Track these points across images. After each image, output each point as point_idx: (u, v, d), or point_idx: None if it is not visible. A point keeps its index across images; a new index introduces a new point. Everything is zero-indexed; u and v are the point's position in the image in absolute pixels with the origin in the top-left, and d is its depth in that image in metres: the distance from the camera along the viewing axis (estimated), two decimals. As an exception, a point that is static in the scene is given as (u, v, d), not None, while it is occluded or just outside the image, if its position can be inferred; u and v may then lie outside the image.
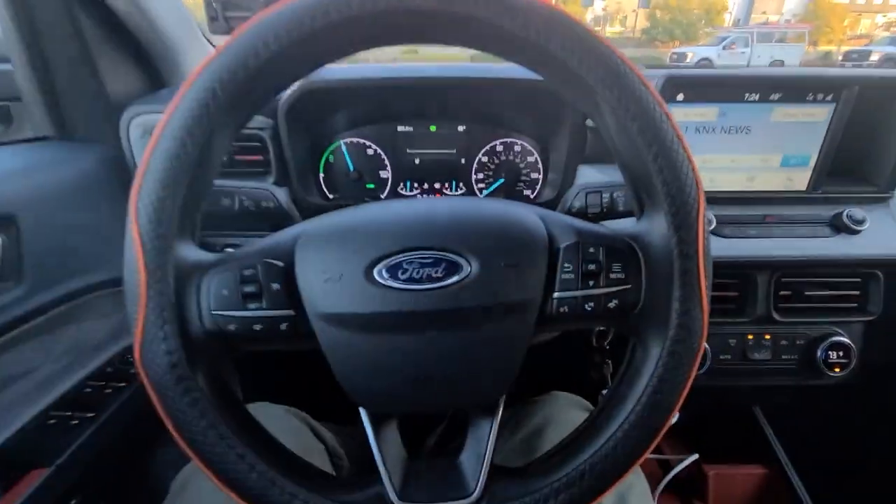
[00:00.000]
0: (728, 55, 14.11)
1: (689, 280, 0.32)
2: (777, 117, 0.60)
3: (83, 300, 0.58)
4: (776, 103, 0.59)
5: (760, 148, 0.62)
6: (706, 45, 15.13)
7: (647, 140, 0.31)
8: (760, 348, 0.64)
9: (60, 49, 0.60)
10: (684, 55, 14.28)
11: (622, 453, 0.34)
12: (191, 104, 0.31)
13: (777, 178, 0.63)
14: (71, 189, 0.58)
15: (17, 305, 0.49)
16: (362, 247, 0.34)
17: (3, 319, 0.48)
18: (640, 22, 28.01)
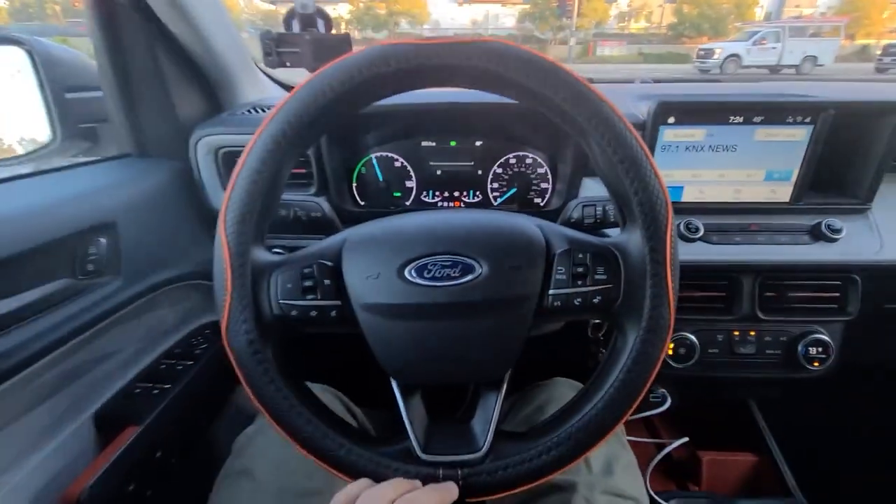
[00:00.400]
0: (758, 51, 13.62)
1: (659, 281, 0.40)
2: (760, 137, 0.67)
3: (159, 292, 0.70)
4: (759, 125, 0.66)
5: (745, 164, 0.69)
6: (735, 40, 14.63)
7: (625, 168, 0.38)
8: (746, 343, 0.71)
9: (143, 80, 0.71)
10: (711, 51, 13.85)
11: (601, 420, 0.42)
12: (267, 140, 0.40)
13: (761, 191, 0.70)
14: (151, 198, 0.69)
15: (116, 295, 0.60)
16: (395, 251, 0.43)
17: (107, 306, 0.59)
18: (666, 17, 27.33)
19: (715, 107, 0.66)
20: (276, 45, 0.70)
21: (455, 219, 0.46)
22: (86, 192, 0.60)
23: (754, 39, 13.68)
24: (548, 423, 0.46)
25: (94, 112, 0.77)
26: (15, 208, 0.52)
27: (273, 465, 0.54)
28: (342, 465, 0.42)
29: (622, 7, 31.82)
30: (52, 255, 0.54)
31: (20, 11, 28.56)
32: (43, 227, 0.52)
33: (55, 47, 0.72)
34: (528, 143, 0.82)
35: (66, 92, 0.73)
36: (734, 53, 13.52)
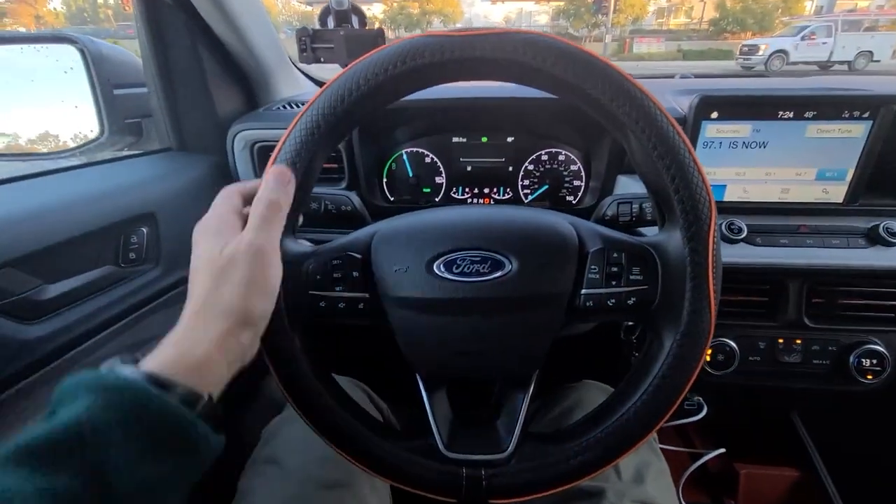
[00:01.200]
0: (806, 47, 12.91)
1: (700, 283, 0.38)
2: (812, 133, 0.63)
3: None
4: (810, 121, 0.62)
5: (795, 162, 0.65)
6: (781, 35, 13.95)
7: (666, 164, 0.37)
8: (791, 352, 0.67)
9: (184, 77, 0.74)
10: (756, 47, 13.23)
11: (633, 427, 0.41)
12: (301, 132, 0.41)
13: (812, 191, 0.66)
14: (189, 191, 0.71)
15: (156, 282, 0.63)
16: (425, 245, 0.43)
17: (146, 293, 0.62)
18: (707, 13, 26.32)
19: (763, 101, 0.62)
20: (311, 42, 0.71)
21: (486, 214, 0.46)
22: (128, 184, 0.63)
23: (803, 34, 13.00)
24: (577, 426, 0.45)
25: (139, 108, 0.80)
26: (63, 198, 0.55)
27: (299, 454, 0.55)
28: (364, 457, 0.42)
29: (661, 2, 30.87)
30: (97, 243, 0.56)
31: (76, 16, 30.32)
32: (89, 215, 0.54)
33: (105, 46, 0.75)
34: (560, 140, 0.80)
35: (115, 88, 0.76)
36: (781, 49, 12.89)
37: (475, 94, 0.74)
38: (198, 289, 0.35)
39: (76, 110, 0.74)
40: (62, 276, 0.52)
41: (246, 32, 0.74)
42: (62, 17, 31.00)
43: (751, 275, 0.65)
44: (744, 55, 13.26)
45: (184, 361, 0.31)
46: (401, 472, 0.42)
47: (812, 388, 0.70)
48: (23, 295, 0.47)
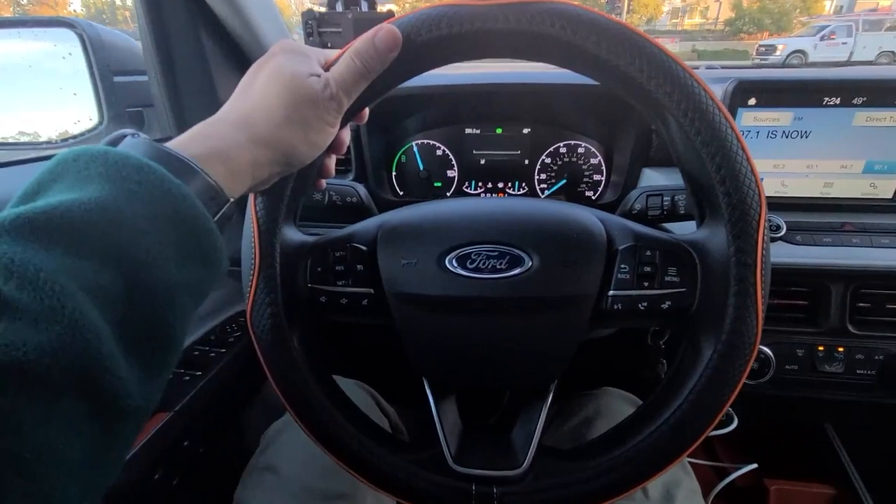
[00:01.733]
0: (826, 47, 12.66)
1: (745, 288, 0.33)
2: (860, 122, 0.57)
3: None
4: (859, 108, 0.57)
5: (840, 153, 0.59)
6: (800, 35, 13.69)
7: (710, 152, 0.33)
8: (832, 361, 0.62)
9: (186, 64, 0.71)
10: (773, 48, 13.00)
11: (666, 446, 0.36)
12: None
13: (859, 185, 0.60)
14: (189, 182, 0.68)
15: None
16: (437, 237, 0.39)
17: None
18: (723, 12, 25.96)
19: (807, 86, 0.57)
20: (317, 26, 0.67)
21: (504, 206, 0.42)
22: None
23: (822, 34, 12.74)
24: (600, 442, 0.41)
25: (141, 96, 0.77)
26: None
27: (299, 462, 0.52)
28: (364, 468, 0.39)
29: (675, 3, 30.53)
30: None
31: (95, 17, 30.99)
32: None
33: (106, 31, 0.73)
34: (580, 131, 0.76)
35: (115, 75, 0.73)
36: (799, 49, 12.65)
37: (489, 79, 0.70)
38: (255, 95, 0.31)
39: (75, 97, 0.71)
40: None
41: (251, 17, 0.71)
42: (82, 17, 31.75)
43: (789, 276, 0.60)
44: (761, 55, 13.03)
45: (211, 149, 0.28)
46: (404, 487, 0.39)
47: (852, 399, 0.64)
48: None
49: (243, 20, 0.71)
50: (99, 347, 0.20)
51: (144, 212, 0.23)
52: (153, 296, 0.23)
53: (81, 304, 0.20)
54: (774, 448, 0.85)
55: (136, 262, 0.23)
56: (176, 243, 0.25)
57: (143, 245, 0.23)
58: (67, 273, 0.20)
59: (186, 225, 0.25)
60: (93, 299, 0.21)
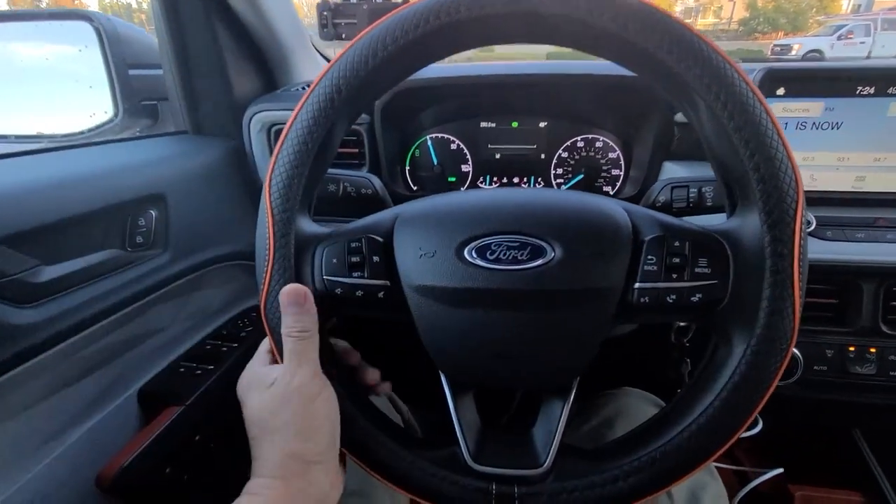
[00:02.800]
0: (843, 46, 12.41)
1: (782, 280, 0.32)
2: (895, 112, 0.55)
3: (207, 271, 0.68)
4: (895, 98, 0.54)
5: (873, 145, 0.57)
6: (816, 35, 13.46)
7: (743, 137, 0.31)
8: (863, 362, 0.59)
9: (201, 58, 0.71)
10: (789, 47, 12.78)
11: (694, 448, 0.35)
12: (319, 98, 0.36)
13: (893, 179, 0.58)
14: (202, 175, 0.68)
15: (163, 269, 0.59)
16: (455, 228, 0.37)
17: (153, 280, 0.58)
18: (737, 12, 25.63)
19: (839, 74, 0.55)
20: (332, 17, 0.66)
21: (525, 196, 0.40)
22: (137, 163, 0.59)
23: (839, 33, 12.49)
24: (624, 442, 0.39)
25: (156, 90, 0.77)
26: (65, 174, 0.51)
27: None
28: (380, 466, 0.38)
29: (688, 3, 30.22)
30: (102, 224, 0.53)
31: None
32: (93, 193, 0.51)
33: (122, 24, 0.73)
34: (598, 125, 0.74)
35: (131, 69, 0.73)
36: (815, 49, 12.42)
37: (505, 70, 0.68)
38: (257, 448, 0.36)
39: (90, 90, 0.71)
40: (62, 258, 0.48)
41: (265, 9, 0.70)
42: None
43: (819, 273, 0.57)
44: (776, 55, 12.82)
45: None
46: (421, 485, 0.38)
47: (884, 403, 0.62)
48: (16, 276, 0.43)
49: (259, 15, 0.70)
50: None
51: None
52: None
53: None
54: (799, 453, 0.83)
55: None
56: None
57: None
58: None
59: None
60: None
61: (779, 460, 0.81)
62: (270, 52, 0.76)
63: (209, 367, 0.63)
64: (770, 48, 13.67)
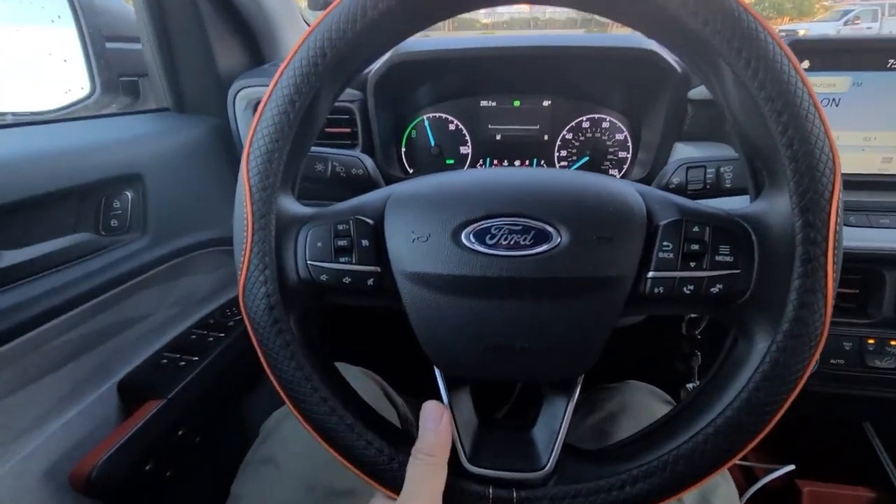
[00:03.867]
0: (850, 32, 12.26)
1: (814, 269, 0.28)
2: (929, 87, 0.51)
3: (191, 256, 0.65)
4: (930, 70, 0.50)
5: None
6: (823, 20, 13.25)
7: (775, 108, 0.27)
8: (884, 355, 0.56)
9: (182, 31, 0.66)
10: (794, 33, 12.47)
11: (712, 451, 0.32)
12: (301, 62, 0.32)
13: (922, 160, 0.54)
14: (184, 155, 0.64)
15: (142, 254, 0.56)
16: (451, 209, 0.34)
17: (131, 265, 0.54)
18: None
19: (869, 45, 0.50)
20: (322, -14, 0.62)
21: (528, 175, 0.37)
22: (112, 141, 0.55)
23: (846, 19, 12.29)
24: (633, 443, 0.36)
25: (136, 65, 0.73)
26: (30, 150, 0.47)
27: (300, 455, 0.49)
28: (367, 466, 0.35)
29: (693, -13, 29.80)
30: (72, 206, 0.49)
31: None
32: (61, 171, 0.47)
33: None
34: (605, 104, 0.70)
35: (108, 41, 0.69)
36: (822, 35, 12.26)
37: (507, 42, 0.64)
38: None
39: (65, 65, 0.67)
40: (26, 242, 0.44)
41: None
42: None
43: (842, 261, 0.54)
44: (781, 41, 12.67)
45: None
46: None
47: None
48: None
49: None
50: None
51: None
52: None
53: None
54: (808, 448, 0.80)
55: None
56: None
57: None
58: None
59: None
60: None
61: (787, 455, 0.79)
62: (257, 24, 0.72)
63: (194, 358, 0.60)
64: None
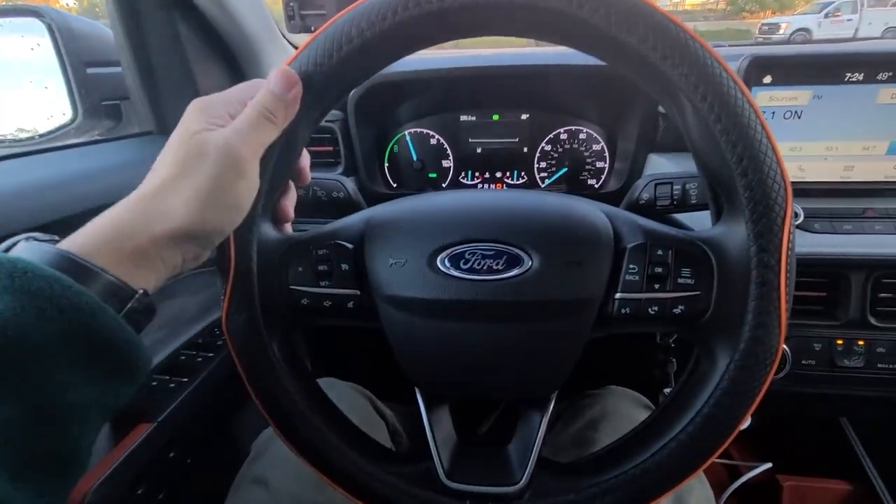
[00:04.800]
0: (830, 24, 12.36)
1: (768, 292, 0.30)
2: (884, 99, 0.53)
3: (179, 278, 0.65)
4: (884, 83, 0.52)
5: (863, 134, 0.55)
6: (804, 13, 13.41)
7: (731, 140, 0.29)
8: (852, 355, 0.58)
9: (162, 54, 0.67)
10: (777, 26, 12.69)
11: (675, 465, 0.34)
12: None
13: (882, 168, 0.56)
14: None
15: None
16: (427, 235, 0.35)
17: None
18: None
19: (827, 60, 0.53)
20: (299, 8, 0.63)
21: (500, 199, 0.38)
22: (98, 169, 0.56)
23: (826, 11, 12.42)
24: (604, 456, 0.38)
25: (118, 88, 0.73)
26: (22, 182, 0.48)
27: (290, 474, 0.49)
28: (351, 484, 0.36)
29: (676, -18, 29.96)
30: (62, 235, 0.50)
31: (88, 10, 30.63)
32: (45, 204, 0.48)
33: (76, 20, 0.68)
34: (581, 116, 0.72)
35: (89, 67, 0.69)
36: (803, 27, 12.34)
37: (484, 62, 0.66)
38: (159, 169, 0.29)
39: (46, 91, 0.67)
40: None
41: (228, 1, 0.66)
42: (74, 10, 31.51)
43: (807, 266, 0.56)
44: (764, 34, 12.72)
45: (110, 242, 0.26)
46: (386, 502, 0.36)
47: (875, 394, 0.61)
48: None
49: (222, 7, 0.66)
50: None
51: (55, 332, 0.22)
52: (60, 422, 0.22)
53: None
54: (788, 444, 0.83)
55: (42, 391, 0.22)
56: (89, 360, 0.23)
57: (52, 371, 0.22)
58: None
59: (103, 340, 0.24)
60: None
61: (769, 453, 0.81)
62: (237, 45, 0.72)
63: (183, 379, 0.60)
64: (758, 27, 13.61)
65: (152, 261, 0.27)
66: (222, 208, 0.29)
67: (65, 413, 0.22)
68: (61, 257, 0.24)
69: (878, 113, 0.54)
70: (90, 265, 0.24)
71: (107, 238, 0.26)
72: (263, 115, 0.31)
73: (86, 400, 0.23)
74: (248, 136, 0.30)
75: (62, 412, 0.22)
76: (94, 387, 0.24)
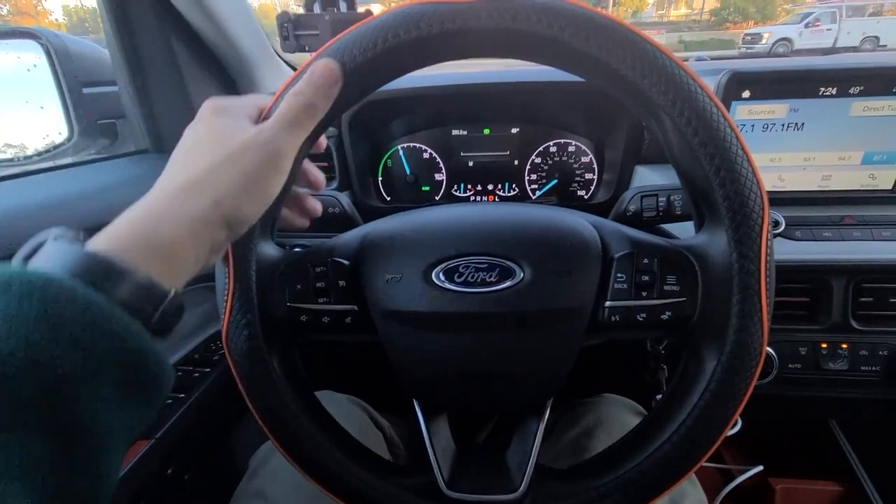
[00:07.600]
0: (810, 34, 12.69)
1: (749, 296, 0.32)
2: (857, 112, 0.56)
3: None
4: (856, 97, 0.55)
5: (838, 145, 0.58)
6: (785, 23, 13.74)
7: (708, 153, 0.31)
8: (836, 358, 0.60)
9: (157, 71, 0.68)
10: (759, 36, 13.01)
11: (669, 466, 0.35)
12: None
13: (857, 177, 0.59)
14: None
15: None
16: (422, 250, 0.37)
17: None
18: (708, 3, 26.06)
19: (802, 75, 0.55)
20: (293, 28, 0.64)
21: (492, 213, 0.40)
22: (97, 189, 0.57)
23: (807, 21, 12.78)
24: (600, 460, 0.39)
25: (113, 108, 0.74)
26: (22, 204, 0.48)
27: (289, 488, 0.49)
28: (352, 497, 0.37)
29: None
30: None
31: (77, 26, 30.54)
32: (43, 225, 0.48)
33: (72, 40, 0.69)
34: (570, 129, 0.74)
35: (84, 86, 0.70)
36: (784, 37, 12.68)
37: (475, 79, 0.68)
38: (190, 164, 0.29)
39: (42, 111, 0.68)
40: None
41: (223, 19, 0.68)
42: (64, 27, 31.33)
43: (789, 273, 0.58)
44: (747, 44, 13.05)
45: (148, 241, 0.25)
46: None
47: (860, 396, 0.63)
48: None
49: (217, 27, 0.68)
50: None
51: (89, 362, 0.21)
52: (89, 457, 0.21)
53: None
54: (779, 447, 0.84)
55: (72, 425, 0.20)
56: (121, 385, 0.22)
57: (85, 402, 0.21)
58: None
59: (133, 362, 0.23)
60: (11, 482, 0.18)
61: (760, 456, 0.82)
62: (232, 64, 0.74)
63: (180, 395, 0.61)
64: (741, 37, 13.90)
65: (184, 252, 0.27)
66: (256, 198, 0.30)
67: (94, 446, 0.21)
68: (90, 259, 0.23)
69: (851, 125, 0.56)
70: (121, 265, 0.23)
71: (140, 231, 0.25)
72: (306, 112, 0.31)
73: (111, 429, 0.22)
74: (290, 136, 0.31)
75: (92, 445, 0.21)
76: (123, 412, 0.23)
